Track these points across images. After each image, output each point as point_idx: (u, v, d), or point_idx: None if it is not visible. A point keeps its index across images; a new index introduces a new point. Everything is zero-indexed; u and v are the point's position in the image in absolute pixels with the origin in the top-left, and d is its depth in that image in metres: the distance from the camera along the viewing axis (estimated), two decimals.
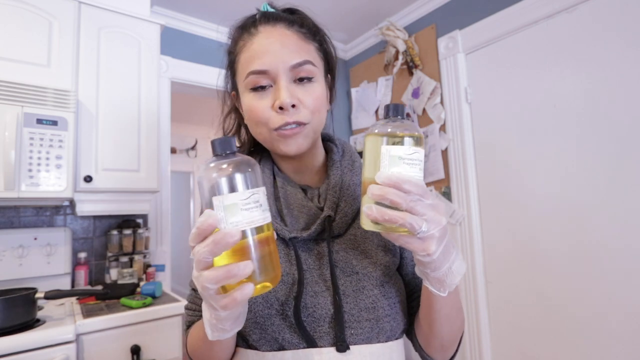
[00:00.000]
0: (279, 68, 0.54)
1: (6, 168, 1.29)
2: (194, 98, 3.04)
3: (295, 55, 0.55)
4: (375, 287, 0.56)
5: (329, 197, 0.60)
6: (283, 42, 0.55)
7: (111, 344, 1.27)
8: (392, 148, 0.42)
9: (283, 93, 0.53)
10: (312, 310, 0.54)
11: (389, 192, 0.40)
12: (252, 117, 0.57)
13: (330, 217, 0.58)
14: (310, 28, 0.60)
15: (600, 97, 1.44)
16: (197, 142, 4.79)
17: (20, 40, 1.42)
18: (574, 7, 1.51)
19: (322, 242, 0.58)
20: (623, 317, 1.36)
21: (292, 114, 0.54)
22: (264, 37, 0.56)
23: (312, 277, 0.56)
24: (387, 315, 0.56)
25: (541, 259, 1.60)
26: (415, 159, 0.42)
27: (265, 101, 0.55)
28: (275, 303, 0.54)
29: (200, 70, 2.16)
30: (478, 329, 1.81)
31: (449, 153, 1.95)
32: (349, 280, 0.56)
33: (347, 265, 0.57)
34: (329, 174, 0.63)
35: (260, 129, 0.57)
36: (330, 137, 0.70)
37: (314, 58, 0.58)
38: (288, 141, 0.56)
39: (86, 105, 1.54)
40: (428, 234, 0.42)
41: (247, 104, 0.57)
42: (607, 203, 1.41)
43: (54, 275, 1.63)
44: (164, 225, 1.99)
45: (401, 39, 2.16)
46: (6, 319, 1.14)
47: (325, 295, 0.55)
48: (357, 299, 0.55)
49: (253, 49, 0.56)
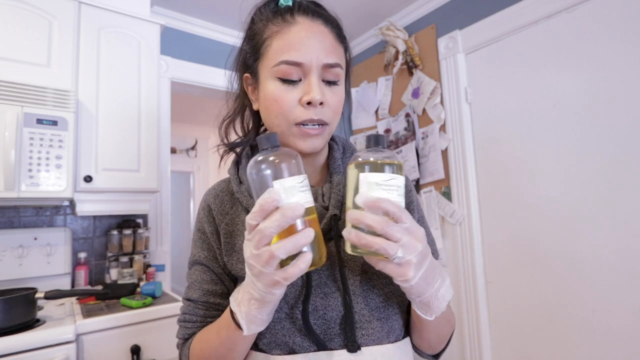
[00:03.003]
0: (312, 63, 0.53)
1: (6, 168, 1.29)
2: (194, 98, 3.04)
3: (331, 55, 0.55)
4: (385, 285, 0.56)
5: (333, 196, 0.59)
6: (321, 39, 0.54)
7: (111, 344, 1.27)
8: (369, 175, 0.44)
9: (315, 89, 0.53)
10: (323, 313, 0.53)
11: (365, 216, 0.42)
12: (275, 107, 0.55)
13: (336, 215, 0.57)
14: (341, 30, 0.60)
15: (600, 97, 1.44)
16: (197, 142, 4.79)
17: (20, 40, 1.42)
18: (574, 7, 1.51)
19: (329, 242, 0.58)
20: (623, 317, 1.36)
21: (318, 112, 0.54)
22: (303, 29, 0.54)
23: (320, 279, 0.55)
24: (396, 314, 0.56)
25: (541, 259, 1.60)
26: (393, 184, 0.44)
27: (293, 94, 0.54)
28: (284, 307, 0.53)
29: (200, 70, 2.16)
30: (478, 329, 1.81)
31: (449, 153, 1.95)
32: (358, 280, 0.55)
33: (355, 264, 0.56)
34: (331, 172, 0.62)
35: (280, 121, 0.55)
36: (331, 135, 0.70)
37: (342, 61, 0.58)
38: (307, 139, 0.55)
39: (86, 105, 1.54)
40: (404, 260, 0.42)
41: (271, 92, 0.55)
42: (607, 203, 1.41)
43: (54, 275, 1.63)
44: (164, 225, 1.99)
45: (401, 39, 2.16)
46: (6, 319, 1.14)
47: (336, 295, 0.54)
48: (367, 299, 0.54)
49: (290, 38, 0.54)
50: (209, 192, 0.65)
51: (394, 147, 2.21)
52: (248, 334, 0.48)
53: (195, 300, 0.61)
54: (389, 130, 2.26)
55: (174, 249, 2.04)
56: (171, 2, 2.00)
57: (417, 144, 2.09)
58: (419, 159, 2.08)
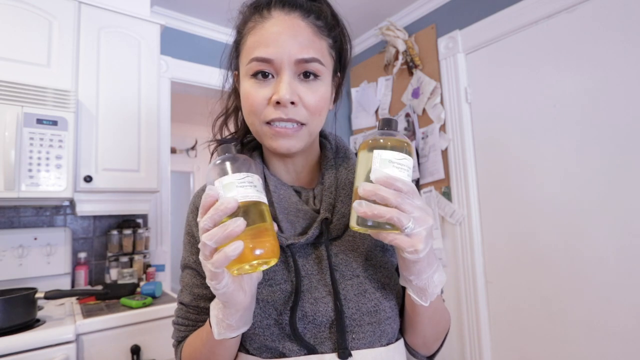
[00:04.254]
0: (283, 60, 0.50)
1: (6, 168, 1.29)
2: (194, 98, 3.03)
3: (304, 50, 0.51)
4: (377, 289, 0.55)
5: (324, 199, 0.57)
6: (294, 34, 0.51)
7: (111, 344, 1.27)
8: (383, 152, 0.45)
9: (283, 87, 0.50)
10: (313, 318, 0.52)
11: (380, 188, 0.42)
12: (247, 106, 0.54)
13: (327, 219, 0.56)
14: (327, 21, 0.56)
15: (600, 97, 1.44)
16: (197, 142, 4.79)
17: (20, 40, 1.42)
18: (574, 7, 1.51)
19: (320, 246, 0.56)
20: (623, 317, 1.36)
21: (290, 112, 0.51)
22: (275, 23, 0.52)
23: (311, 283, 0.54)
24: (388, 318, 0.55)
25: (541, 259, 1.60)
26: (404, 164, 0.45)
27: (263, 91, 0.52)
28: (273, 313, 0.52)
29: (200, 70, 2.16)
30: (478, 329, 1.81)
31: (449, 153, 1.95)
32: (350, 284, 0.54)
33: (347, 268, 0.55)
34: (323, 173, 0.60)
35: (252, 119, 0.54)
36: (323, 132, 0.66)
37: (323, 56, 0.54)
38: (279, 139, 0.53)
39: (86, 105, 1.54)
40: (415, 231, 0.43)
41: (244, 90, 0.54)
42: (607, 203, 1.41)
43: (54, 275, 1.63)
44: (164, 225, 1.99)
45: (401, 39, 2.16)
46: (6, 319, 1.14)
47: (326, 301, 0.53)
48: (359, 303, 0.53)
49: (261, 34, 0.52)
50: (197, 194, 0.64)
51: None
52: (219, 338, 0.47)
53: (186, 304, 0.60)
54: None
55: (174, 249, 2.04)
56: (171, 2, 2.00)
57: (417, 144, 2.09)
58: (419, 159, 2.08)
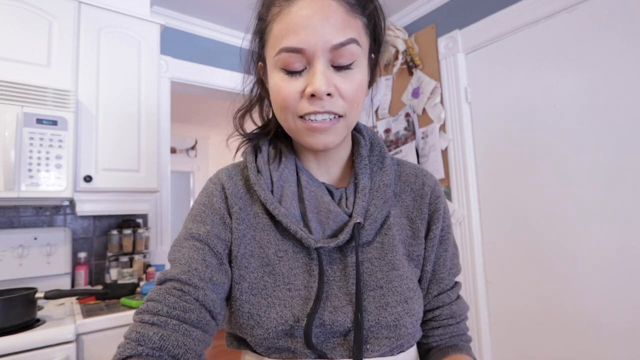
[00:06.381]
0: (317, 48, 0.45)
1: (6, 168, 1.29)
2: (194, 98, 3.04)
3: (340, 32, 0.46)
4: (399, 303, 0.51)
5: (357, 201, 0.53)
6: (325, 16, 0.45)
7: (111, 343, 1.27)
8: None
9: (318, 78, 0.45)
10: (330, 327, 0.49)
11: None
12: (278, 101, 0.49)
13: (359, 223, 0.51)
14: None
15: (600, 97, 1.44)
16: (197, 142, 4.79)
17: (20, 40, 1.42)
18: (574, 7, 1.51)
19: (347, 251, 0.52)
20: (623, 317, 1.36)
21: (326, 104, 0.47)
22: (303, 6, 0.46)
23: (332, 290, 0.50)
24: (408, 334, 0.51)
25: (541, 258, 1.60)
26: None
27: (296, 84, 0.47)
28: (290, 319, 0.48)
29: (200, 70, 2.16)
30: (478, 329, 1.81)
31: (449, 153, 1.95)
32: (372, 296, 0.50)
33: (371, 278, 0.52)
34: (357, 172, 0.56)
35: (286, 115, 0.49)
36: (357, 125, 0.61)
37: (360, 36, 0.48)
38: (316, 135, 0.48)
39: (86, 105, 1.54)
40: None
41: (274, 84, 0.49)
42: (607, 203, 1.41)
43: (54, 275, 1.63)
44: (164, 225, 1.99)
45: (401, 39, 2.16)
46: (6, 319, 1.14)
47: (346, 310, 0.49)
48: (379, 317, 0.49)
49: (289, 20, 0.46)
50: (222, 172, 0.58)
51: (394, 147, 2.21)
52: None
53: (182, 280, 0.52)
54: (389, 130, 2.26)
55: None
56: (171, 2, 2.00)
57: (417, 143, 2.09)
58: (419, 159, 2.08)
